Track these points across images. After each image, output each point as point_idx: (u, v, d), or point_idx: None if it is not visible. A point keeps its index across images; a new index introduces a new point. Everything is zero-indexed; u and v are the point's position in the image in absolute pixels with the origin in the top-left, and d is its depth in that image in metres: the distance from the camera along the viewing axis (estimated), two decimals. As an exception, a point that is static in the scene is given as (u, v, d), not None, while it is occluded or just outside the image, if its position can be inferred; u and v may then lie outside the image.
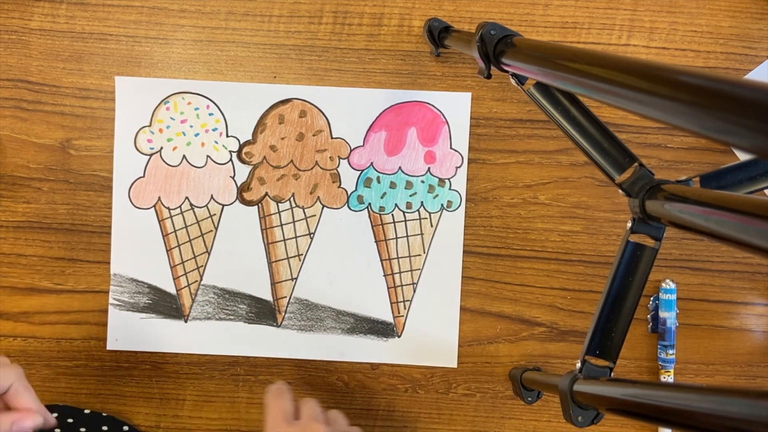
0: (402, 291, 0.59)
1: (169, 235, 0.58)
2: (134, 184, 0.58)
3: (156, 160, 0.58)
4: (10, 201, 0.59)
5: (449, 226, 0.58)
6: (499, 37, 0.40)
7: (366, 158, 0.58)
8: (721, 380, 0.59)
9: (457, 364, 0.59)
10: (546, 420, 0.59)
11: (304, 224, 0.58)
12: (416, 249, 0.59)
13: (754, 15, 0.58)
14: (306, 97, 0.58)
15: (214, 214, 0.58)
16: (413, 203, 0.59)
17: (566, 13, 0.58)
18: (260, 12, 0.58)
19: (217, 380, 0.59)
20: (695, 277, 0.58)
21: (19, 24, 0.58)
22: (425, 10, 0.58)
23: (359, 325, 0.59)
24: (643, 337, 0.59)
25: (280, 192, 0.58)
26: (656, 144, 0.58)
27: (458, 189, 0.58)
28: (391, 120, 0.58)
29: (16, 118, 0.58)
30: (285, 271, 0.59)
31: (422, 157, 0.58)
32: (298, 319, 0.59)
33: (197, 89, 0.58)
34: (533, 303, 0.59)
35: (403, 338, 0.59)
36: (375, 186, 0.58)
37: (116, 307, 0.58)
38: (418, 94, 0.58)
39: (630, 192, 0.38)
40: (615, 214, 0.58)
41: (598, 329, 0.40)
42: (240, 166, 0.58)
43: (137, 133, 0.58)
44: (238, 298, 0.59)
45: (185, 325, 0.59)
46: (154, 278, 0.58)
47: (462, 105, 0.58)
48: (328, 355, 0.59)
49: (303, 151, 0.58)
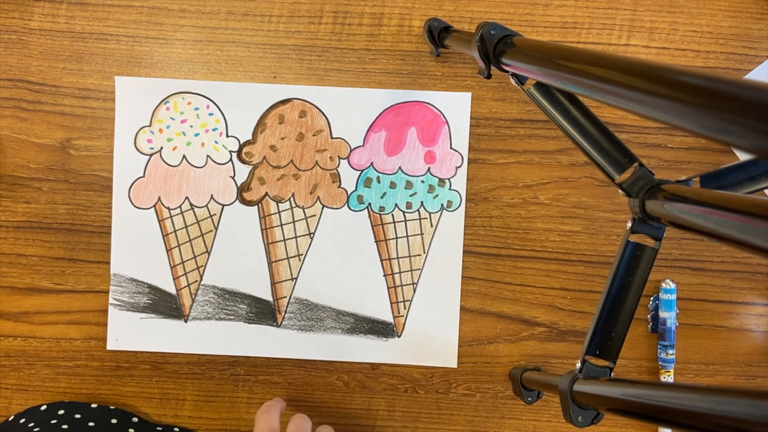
0: (402, 291, 0.59)
1: (169, 235, 0.58)
2: (134, 184, 0.58)
3: (156, 160, 0.58)
4: (10, 201, 0.59)
5: (449, 226, 0.58)
6: (499, 37, 0.40)
7: (366, 158, 0.58)
8: (721, 380, 0.59)
9: (457, 364, 0.59)
10: (546, 420, 0.59)
11: (304, 224, 0.58)
12: (416, 249, 0.59)
13: (754, 15, 0.58)
14: (306, 97, 0.58)
15: (214, 214, 0.58)
16: (413, 203, 0.59)
17: (566, 13, 0.58)
18: (260, 12, 0.58)
19: (217, 380, 0.59)
20: (695, 277, 0.58)
21: (19, 24, 0.58)
22: (425, 10, 0.58)
23: (359, 325, 0.59)
24: (643, 337, 0.59)
25: (280, 192, 0.58)
26: (656, 144, 0.58)
27: (458, 189, 0.58)
28: (391, 120, 0.58)
29: (16, 118, 0.58)
30: (285, 271, 0.59)
31: (422, 157, 0.58)
32: (298, 319, 0.59)
33: (197, 89, 0.58)
34: (533, 303, 0.59)
35: (403, 338, 0.59)
36: (375, 186, 0.58)
37: (116, 307, 0.58)
38: (418, 94, 0.58)
39: (630, 192, 0.38)
40: (615, 214, 0.58)
41: (598, 329, 0.40)
42: (240, 166, 0.58)
43: (137, 133, 0.58)
44: (238, 298, 0.59)
45: (185, 325, 0.59)
46: (154, 278, 0.58)
47: (462, 105, 0.58)
48: (328, 355, 0.59)
49: (303, 151, 0.58)
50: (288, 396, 0.59)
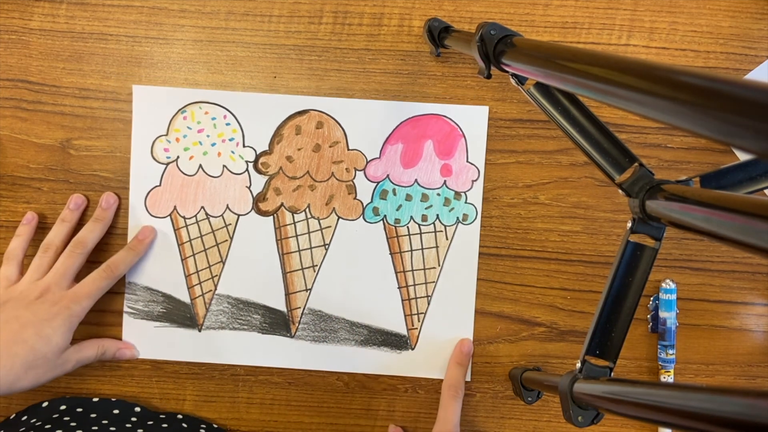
0: (416, 304, 0.58)
1: (184, 244, 0.58)
2: (150, 192, 0.58)
3: (172, 169, 0.58)
4: (10, 201, 0.58)
5: (465, 240, 0.58)
6: (499, 37, 0.40)
7: (382, 170, 0.58)
8: (721, 380, 0.59)
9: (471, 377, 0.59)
10: (546, 420, 0.59)
11: (319, 235, 0.58)
12: (431, 262, 0.58)
13: (754, 15, 0.58)
14: (323, 108, 0.58)
15: (229, 223, 0.58)
16: (429, 216, 0.58)
17: (566, 13, 0.58)
18: (260, 12, 0.58)
19: (217, 380, 0.59)
20: (695, 277, 0.58)
21: (19, 24, 0.58)
22: (425, 10, 0.58)
23: (373, 337, 0.59)
24: (643, 337, 0.59)
25: (295, 203, 0.58)
26: (656, 144, 0.58)
27: (474, 202, 0.58)
28: (407, 132, 0.58)
29: (16, 118, 0.58)
30: (299, 281, 0.58)
31: (438, 170, 0.58)
32: (311, 330, 0.58)
33: (214, 99, 0.58)
34: (533, 303, 0.59)
35: (417, 350, 0.58)
36: (391, 198, 0.58)
37: (131, 315, 0.58)
38: (434, 107, 0.58)
39: (630, 192, 0.38)
40: (615, 214, 0.58)
41: (598, 329, 0.40)
42: (256, 176, 0.58)
43: (154, 141, 0.58)
44: (252, 308, 0.58)
45: (199, 334, 0.58)
46: (169, 287, 0.58)
47: (479, 118, 0.58)
48: (341, 367, 0.59)
49: (319, 162, 0.58)
50: (288, 396, 0.59)
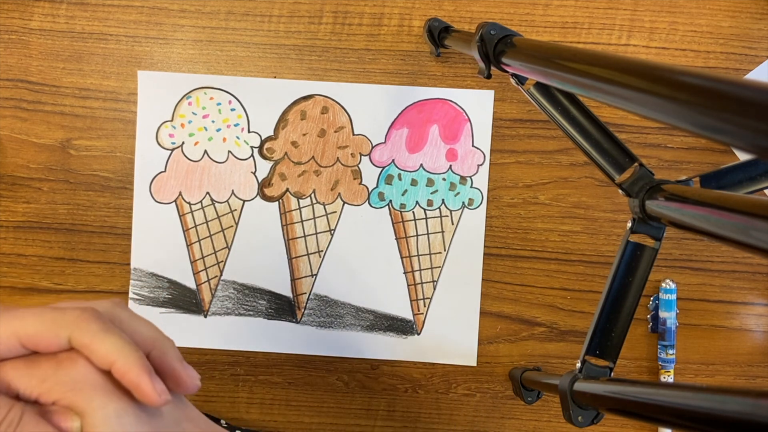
0: (422, 288, 0.58)
1: (189, 230, 0.58)
2: (155, 178, 0.58)
3: (177, 155, 0.58)
4: (10, 201, 0.58)
5: (470, 224, 0.58)
6: (499, 37, 0.40)
7: (387, 155, 0.58)
8: (721, 380, 0.59)
9: (477, 363, 0.59)
10: (546, 420, 0.59)
11: (324, 221, 0.58)
12: (437, 246, 0.58)
13: (754, 15, 0.58)
14: (328, 93, 0.58)
15: (234, 209, 0.58)
16: (434, 201, 0.58)
17: (566, 13, 0.58)
18: (260, 12, 0.58)
19: (217, 380, 0.59)
20: (695, 277, 0.58)
21: (19, 24, 0.58)
22: (425, 10, 0.58)
23: (379, 322, 0.59)
24: (643, 337, 0.59)
25: (301, 188, 0.58)
26: (656, 144, 0.58)
27: (480, 187, 0.58)
28: (413, 117, 0.58)
29: (16, 118, 0.58)
30: (305, 267, 0.58)
31: (444, 154, 0.58)
32: (317, 316, 0.59)
33: (219, 84, 0.58)
34: (533, 303, 0.59)
35: (423, 336, 0.59)
36: (396, 183, 0.58)
37: (136, 301, 0.58)
38: (440, 91, 0.58)
39: (630, 192, 0.38)
40: (615, 214, 0.58)
41: (598, 329, 0.40)
42: (261, 161, 0.58)
43: (159, 127, 0.58)
44: (258, 294, 0.58)
45: (204, 320, 0.58)
46: (174, 273, 0.58)
47: (485, 102, 0.58)
48: (347, 352, 0.59)
49: (324, 147, 0.58)
50: (288, 396, 0.59)
